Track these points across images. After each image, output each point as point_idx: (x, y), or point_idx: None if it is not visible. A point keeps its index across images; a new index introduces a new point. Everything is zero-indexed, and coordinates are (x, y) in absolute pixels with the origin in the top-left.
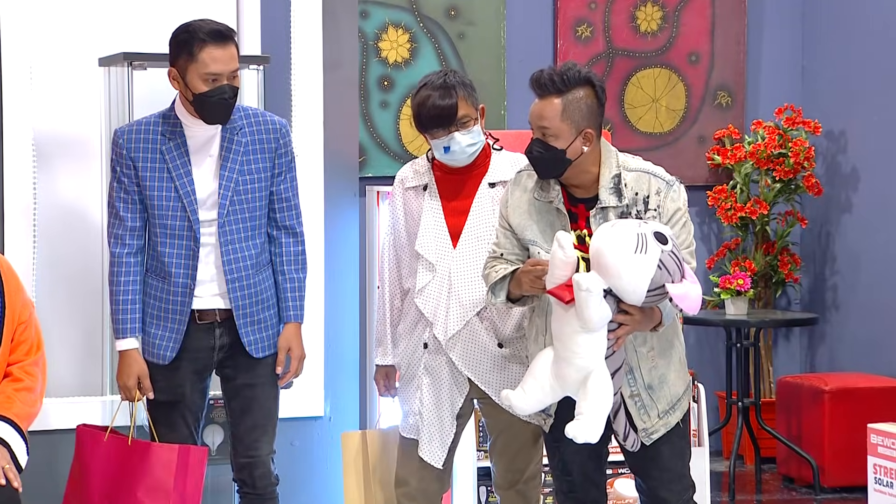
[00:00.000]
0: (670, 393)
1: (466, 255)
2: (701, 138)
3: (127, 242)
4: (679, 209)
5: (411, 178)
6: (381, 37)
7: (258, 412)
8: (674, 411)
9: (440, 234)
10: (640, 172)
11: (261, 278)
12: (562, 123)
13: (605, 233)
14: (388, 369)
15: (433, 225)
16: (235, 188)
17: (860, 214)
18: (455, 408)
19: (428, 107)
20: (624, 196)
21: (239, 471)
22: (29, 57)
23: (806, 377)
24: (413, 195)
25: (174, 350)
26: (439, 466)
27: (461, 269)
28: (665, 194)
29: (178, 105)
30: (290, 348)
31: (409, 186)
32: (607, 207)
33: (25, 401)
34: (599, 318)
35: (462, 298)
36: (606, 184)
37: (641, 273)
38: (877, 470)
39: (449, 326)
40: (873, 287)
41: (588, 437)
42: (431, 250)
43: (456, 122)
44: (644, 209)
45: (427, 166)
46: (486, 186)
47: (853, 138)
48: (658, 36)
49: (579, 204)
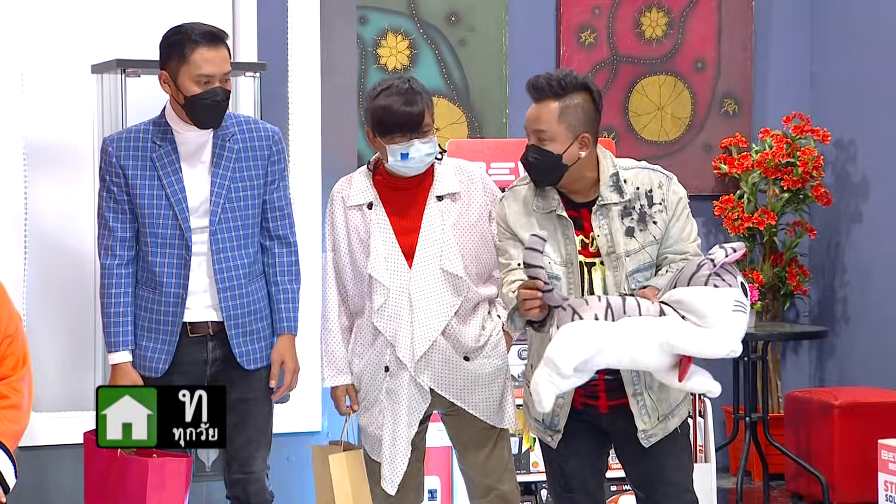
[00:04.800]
0: (670, 397)
1: (424, 274)
2: (707, 147)
3: (117, 253)
4: (682, 199)
5: (352, 195)
6: (381, 43)
7: (252, 427)
8: (672, 416)
9: (393, 254)
10: (638, 169)
11: (253, 288)
12: (558, 127)
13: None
14: (347, 388)
15: (384, 246)
16: (227, 195)
17: (870, 225)
18: (412, 430)
19: (395, 111)
20: (625, 192)
21: (232, 487)
22: (20, 63)
23: (815, 392)
24: (356, 213)
25: (166, 363)
26: (392, 493)
27: (421, 289)
28: (667, 186)
29: (168, 111)
30: (284, 361)
31: (353, 205)
32: (608, 204)
33: (12, 419)
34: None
35: (425, 319)
36: (606, 181)
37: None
38: (887, 487)
39: (416, 349)
40: (884, 299)
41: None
42: (384, 273)
43: (419, 129)
44: (648, 203)
45: (367, 182)
46: (434, 200)
47: (863, 147)
48: (663, 42)
49: (581, 209)
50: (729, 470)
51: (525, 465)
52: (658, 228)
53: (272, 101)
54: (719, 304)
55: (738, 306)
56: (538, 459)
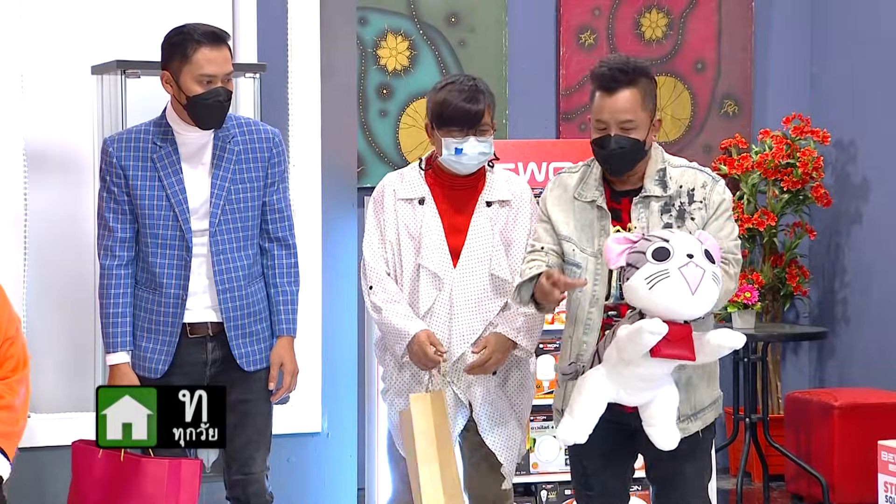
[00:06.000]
0: (695, 399)
1: (466, 275)
2: (707, 148)
3: (117, 254)
4: (724, 200)
5: (404, 188)
6: (380, 44)
7: (251, 428)
8: (695, 419)
9: (442, 250)
10: (686, 167)
11: (253, 290)
12: (643, 113)
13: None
14: (427, 333)
15: (436, 241)
16: (227, 196)
17: (870, 226)
18: (457, 431)
19: (455, 105)
20: (668, 188)
21: (232, 488)
22: (20, 64)
23: (815, 392)
24: (407, 207)
25: (166, 363)
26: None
27: (462, 291)
28: (711, 187)
29: (169, 112)
30: (283, 363)
31: (403, 198)
32: (650, 196)
33: (5, 419)
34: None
35: (462, 326)
36: (652, 174)
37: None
38: (887, 488)
39: (452, 353)
40: (884, 300)
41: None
42: (437, 266)
43: (477, 127)
44: (689, 201)
45: (419, 178)
46: (484, 205)
47: (863, 148)
48: (663, 43)
49: (622, 199)
50: (729, 471)
51: (525, 467)
52: (695, 224)
53: (272, 102)
54: (637, 291)
55: (651, 280)
56: (538, 461)
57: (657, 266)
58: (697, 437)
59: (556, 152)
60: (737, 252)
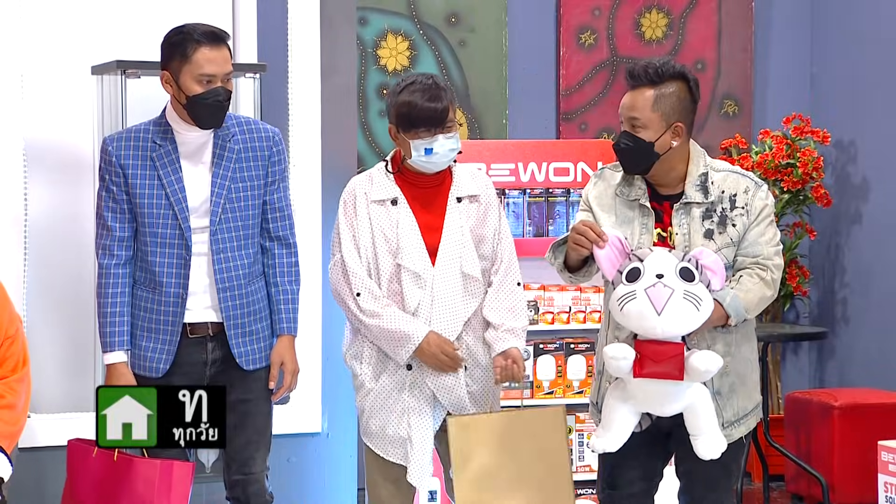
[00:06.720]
0: (738, 405)
1: (445, 273)
2: (707, 148)
3: (115, 253)
4: (767, 206)
5: (375, 190)
6: (381, 44)
7: (251, 428)
8: (739, 424)
9: (421, 249)
10: (728, 172)
11: (253, 289)
12: (652, 114)
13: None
14: (434, 333)
15: (414, 241)
16: (228, 195)
17: (870, 226)
18: (436, 425)
19: (420, 106)
20: (710, 193)
21: (232, 488)
22: (20, 64)
23: (815, 393)
24: (380, 209)
25: (167, 363)
26: (418, 486)
27: (441, 288)
28: (753, 193)
29: (169, 111)
30: (284, 362)
31: (376, 199)
32: (691, 203)
33: (7, 419)
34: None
35: (443, 323)
36: (693, 180)
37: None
38: (887, 488)
39: None
40: (884, 300)
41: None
42: (417, 265)
43: (444, 125)
44: (731, 207)
45: (388, 179)
46: (454, 201)
47: (863, 148)
48: (663, 43)
49: (664, 202)
50: None
51: None
52: (736, 231)
53: (272, 102)
54: (613, 311)
55: (621, 301)
56: None
57: (627, 287)
58: (741, 442)
59: (556, 152)
60: (777, 258)
